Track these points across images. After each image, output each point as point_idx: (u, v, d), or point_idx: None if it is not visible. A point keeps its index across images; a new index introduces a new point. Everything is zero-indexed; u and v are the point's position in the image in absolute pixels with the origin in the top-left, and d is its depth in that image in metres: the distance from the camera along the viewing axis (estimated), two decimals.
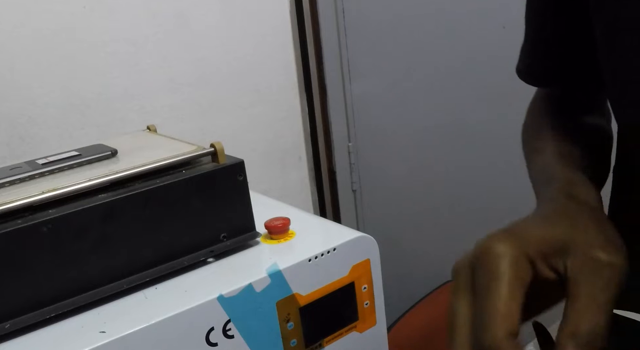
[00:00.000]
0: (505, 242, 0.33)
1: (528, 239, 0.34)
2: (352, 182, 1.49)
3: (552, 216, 0.37)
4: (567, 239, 0.34)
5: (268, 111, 1.35)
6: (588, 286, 0.31)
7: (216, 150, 0.68)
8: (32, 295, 0.57)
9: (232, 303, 0.61)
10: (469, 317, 0.33)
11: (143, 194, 0.62)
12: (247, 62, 1.29)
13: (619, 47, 0.43)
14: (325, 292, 0.68)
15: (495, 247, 0.33)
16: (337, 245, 0.69)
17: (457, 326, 0.33)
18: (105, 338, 0.54)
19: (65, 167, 0.67)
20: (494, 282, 0.32)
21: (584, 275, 0.32)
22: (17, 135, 1.04)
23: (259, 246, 0.71)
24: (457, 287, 0.35)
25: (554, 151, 0.50)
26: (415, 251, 1.63)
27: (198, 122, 1.25)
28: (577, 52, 0.54)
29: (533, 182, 0.52)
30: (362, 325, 0.73)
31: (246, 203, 0.70)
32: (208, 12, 1.22)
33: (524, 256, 0.33)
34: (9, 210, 0.57)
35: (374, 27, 1.42)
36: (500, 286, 0.32)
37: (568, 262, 0.33)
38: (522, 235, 0.34)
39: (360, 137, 1.47)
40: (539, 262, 0.33)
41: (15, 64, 1.02)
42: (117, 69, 1.12)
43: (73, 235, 0.58)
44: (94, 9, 1.08)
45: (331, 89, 1.40)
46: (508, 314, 0.31)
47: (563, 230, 0.34)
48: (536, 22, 0.55)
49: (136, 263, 0.63)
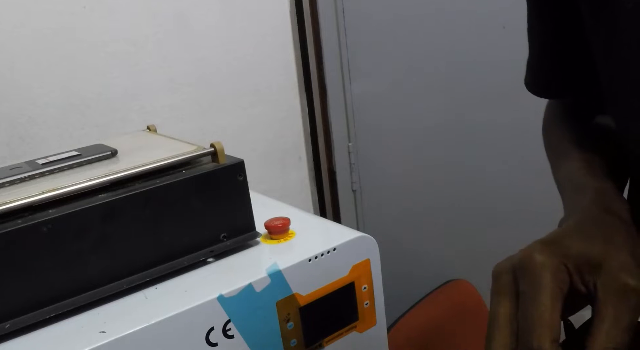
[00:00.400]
0: (549, 253, 0.36)
1: (568, 253, 0.36)
2: (352, 182, 1.49)
3: (590, 230, 0.39)
4: (601, 259, 0.36)
5: (268, 111, 1.35)
6: (614, 309, 0.34)
7: (216, 150, 0.68)
8: (32, 295, 0.57)
9: (232, 303, 0.61)
10: (510, 320, 0.35)
11: (143, 194, 0.62)
12: (247, 62, 1.29)
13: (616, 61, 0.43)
14: (325, 292, 0.68)
15: (540, 258, 0.36)
16: (337, 245, 0.69)
17: (499, 327, 0.35)
18: (105, 338, 0.54)
19: (65, 167, 0.67)
20: (539, 291, 0.34)
21: (612, 297, 0.34)
22: (17, 135, 1.04)
23: (259, 246, 0.71)
24: (499, 290, 0.37)
25: (579, 158, 0.52)
26: (415, 251, 1.63)
27: (198, 122, 1.25)
28: (582, 65, 0.55)
29: (560, 187, 0.53)
30: (362, 325, 0.73)
31: (246, 203, 0.70)
32: (208, 12, 1.22)
33: (564, 269, 0.35)
34: (9, 210, 0.57)
35: (374, 27, 1.42)
36: (545, 296, 0.34)
37: (599, 282, 0.35)
38: (563, 248, 0.37)
39: (360, 137, 1.47)
40: (574, 276, 0.36)
41: (15, 64, 1.02)
42: (117, 69, 1.12)
43: (73, 235, 0.58)
44: (94, 9, 1.08)
45: (331, 89, 1.40)
46: (552, 324, 0.33)
47: (599, 248, 0.37)
48: (539, 39, 0.56)
49: (136, 263, 0.63)
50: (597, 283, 0.35)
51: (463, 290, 1.62)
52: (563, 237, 0.38)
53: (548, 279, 0.35)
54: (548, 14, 0.54)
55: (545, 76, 0.58)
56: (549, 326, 0.33)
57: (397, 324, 1.45)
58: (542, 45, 0.56)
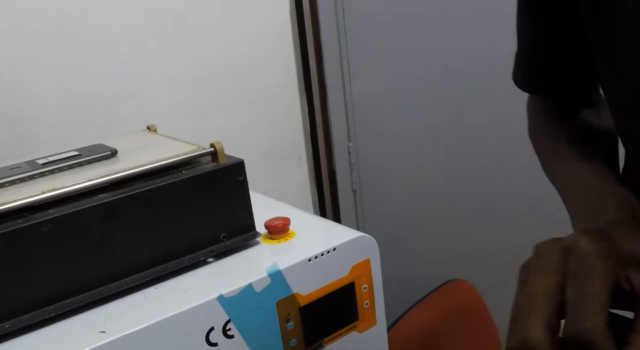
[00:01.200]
0: (603, 243, 0.35)
1: (618, 247, 0.35)
2: (352, 182, 1.49)
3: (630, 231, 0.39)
4: None
5: (268, 111, 1.35)
6: None
7: (216, 150, 0.68)
8: (32, 295, 0.57)
9: (232, 303, 0.61)
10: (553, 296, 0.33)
11: (143, 194, 0.62)
12: (247, 62, 1.29)
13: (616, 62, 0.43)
14: (325, 292, 0.68)
15: (595, 245, 0.34)
16: (337, 245, 0.69)
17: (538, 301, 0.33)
18: (105, 338, 0.54)
19: (65, 167, 0.67)
20: (593, 274, 0.33)
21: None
22: (17, 135, 1.04)
23: (259, 246, 0.71)
24: (542, 267, 0.35)
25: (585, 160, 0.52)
26: (415, 251, 1.63)
27: (198, 122, 1.25)
28: (570, 61, 0.55)
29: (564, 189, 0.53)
30: (362, 325, 0.73)
31: (246, 203, 0.70)
32: (208, 12, 1.22)
33: (614, 261, 0.34)
34: (9, 210, 0.57)
35: (374, 27, 1.42)
36: (598, 280, 0.33)
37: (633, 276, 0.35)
38: (614, 241, 0.36)
39: (360, 137, 1.46)
40: (621, 271, 0.35)
41: (15, 64, 1.02)
42: (117, 69, 1.12)
43: (73, 235, 0.58)
44: (94, 9, 1.08)
45: (331, 89, 1.40)
46: (605, 308, 0.32)
47: None
48: (528, 35, 0.57)
49: (136, 263, 0.63)
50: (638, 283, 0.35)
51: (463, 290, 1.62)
52: (609, 232, 0.37)
53: (601, 265, 0.33)
54: (538, 10, 0.54)
55: (533, 71, 0.58)
56: (603, 309, 0.32)
57: (397, 324, 1.45)
58: (531, 41, 0.56)
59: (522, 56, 0.59)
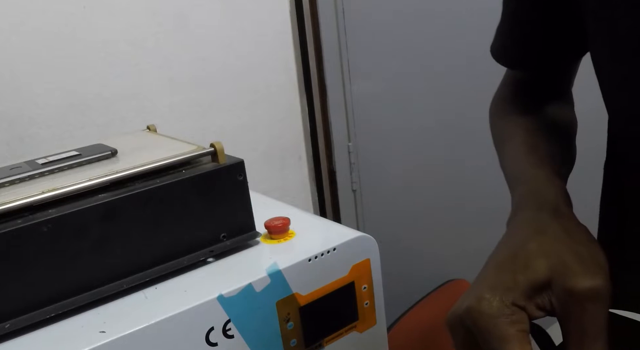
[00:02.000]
0: (494, 300, 0.34)
1: (512, 289, 0.35)
2: (352, 182, 1.49)
3: (530, 245, 0.37)
4: (547, 276, 0.35)
5: (268, 111, 1.35)
6: (576, 322, 0.33)
7: (216, 150, 0.68)
8: (32, 295, 0.57)
9: (232, 303, 0.61)
10: None
11: (143, 194, 0.62)
12: (247, 62, 1.29)
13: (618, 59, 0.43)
14: (325, 292, 0.68)
15: (488, 309, 0.34)
16: (337, 245, 0.69)
17: None
18: (105, 338, 0.54)
19: (65, 167, 0.67)
20: (503, 344, 0.33)
21: (569, 310, 0.33)
22: (17, 135, 1.04)
23: (259, 246, 0.71)
24: (460, 347, 0.36)
25: (523, 141, 0.51)
26: (415, 251, 1.63)
27: (198, 122, 1.25)
28: (552, 40, 0.54)
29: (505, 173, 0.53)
30: (362, 325, 0.73)
31: (246, 203, 0.70)
32: (208, 12, 1.21)
33: (515, 308, 0.34)
34: (9, 210, 0.57)
35: (374, 27, 1.42)
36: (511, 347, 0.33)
37: (553, 300, 0.34)
38: (504, 286, 0.35)
39: (360, 137, 1.47)
40: (528, 307, 0.35)
41: (15, 64, 1.02)
42: (117, 69, 1.12)
43: (73, 235, 0.58)
44: (94, 9, 1.08)
45: (331, 89, 1.40)
46: None
47: (541, 265, 0.35)
48: (514, 5, 0.55)
49: (136, 263, 0.63)
50: (552, 300, 0.34)
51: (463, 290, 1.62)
52: (499, 273, 0.37)
53: (505, 328, 0.33)
54: None
55: (514, 42, 0.57)
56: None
57: (397, 324, 1.45)
58: (515, 11, 0.55)
59: (504, 26, 0.57)
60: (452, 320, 0.37)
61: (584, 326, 0.33)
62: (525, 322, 0.34)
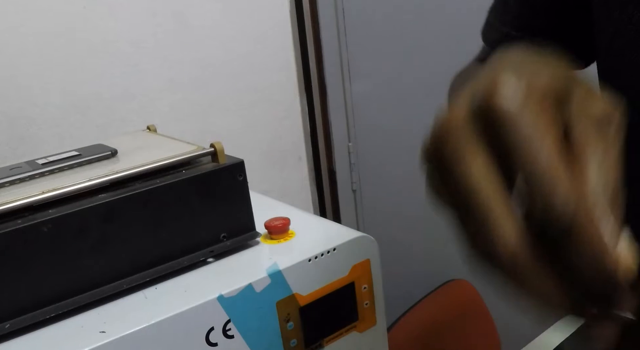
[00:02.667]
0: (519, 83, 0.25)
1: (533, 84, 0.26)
2: (352, 182, 1.49)
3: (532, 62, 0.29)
4: (566, 86, 0.27)
5: (268, 111, 1.35)
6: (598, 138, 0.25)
7: (216, 150, 0.68)
8: (32, 295, 0.57)
9: (232, 303, 0.61)
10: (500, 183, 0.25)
11: (143, 194, 0.62)
12: (247, 62, 1.29)
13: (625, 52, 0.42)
14: (325, 292, 0.68)
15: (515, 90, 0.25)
16: (337, 245, 0.69)
17: (490, 196, 0.25)
18: (105, 338, 0.54)
19: (65, 167, 0.67)
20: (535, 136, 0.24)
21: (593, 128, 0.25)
22: (17, 135, 1.04)
23: (259, 246, 0.71)
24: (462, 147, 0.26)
25: None
26: (415, 251, 1.63)
27: (198, 122, 1.25)
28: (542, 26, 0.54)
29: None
30: (362, 325, 0.73)
31: (246, 203, 0.70)
32: (208, 11, 1.22)
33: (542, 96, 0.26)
34: (9, 210, 0.57)
35: (374, 27, 1.42)
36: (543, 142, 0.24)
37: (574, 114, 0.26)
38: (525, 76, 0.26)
39: (360, 137, 1.47)
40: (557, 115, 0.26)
41: (15, 64, 1.02)
42: (117, 69, 1.12)
43: (73, 235, 0.58)
44: (94, 9, 1.08)
45: (331, 89, 1.40)
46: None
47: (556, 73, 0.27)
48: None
49: (136, 263, 0.63)
50: (571, 116, 0.26)
51: (463, 290, 1.62)
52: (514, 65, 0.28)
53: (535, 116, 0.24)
54: None
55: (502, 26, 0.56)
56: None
57: (397, 324, 1.45)
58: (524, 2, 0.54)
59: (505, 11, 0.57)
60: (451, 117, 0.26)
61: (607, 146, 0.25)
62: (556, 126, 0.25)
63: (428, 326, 1.48)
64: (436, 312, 1.53)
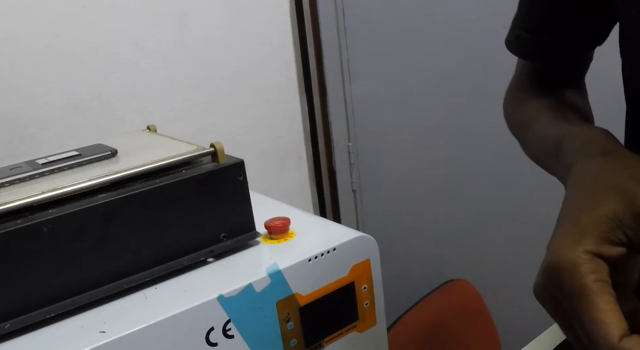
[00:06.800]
0: (571, 248, 0.31)
1: (583, 234, 0.32)
2: (352, 182, 1.49)
3: (589, 189, 0.35)
4: (613, 208, 0.32)
5: (268, 111, 1.35)
6: None
7: (216, 150, 0.68)
8: (32, 295, 0.57)
9: (232, 303, 0.61)
10: None
11: (143, 194, 0.62)
12: (247, 62, 1.29)
13: None
14: (325, 292, 0.68)
15: (566, 262, 0.31)
16: (337, 245, 0.69)
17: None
18: (105, 338, 0.54)
19: (65, 167, 0.67)
20: (580, 302, 0.30)
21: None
22: (17, 135, 1.04)
23: (259, 246, 0.71)
24: (552, 314, 0.33)
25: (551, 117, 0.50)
26: (415, 251, 1.63)
27: (198, 122, 1.25)
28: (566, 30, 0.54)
29: (536, 152, 0.51)
30: (362, 325, 0.73)
31: (246, 203, 0.70)
32: (208, 12, 1.22)
33: (588, 255, 0.31)
34: (9, 210, 0.57)
35: (374, 27, 1.42)
36: (588, 303, 0.30)
37: (627, 231, 0.32)
38: (575, 233, 0.32)
39: (360, 137, 1.47)
40: (602, 249, 0.31)
41: (15, 64, 1.02)
42: (117, 69, 1.12)
43: (73, 235, 0.58)
44: (94, 9, 1.08)
45: (331, 89, 1.40)
46: (611, 322, 0.29)
47: (604, 199, 0.33)
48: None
49: (136, 263, 0.63)
50: (627, 233, 0.32)
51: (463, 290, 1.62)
52: (565, 223, 0.33)
53: (580, 281, 0.30)
54: None
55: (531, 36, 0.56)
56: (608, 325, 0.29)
57: (397, 324, 1.45)
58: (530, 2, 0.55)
59: (522, 16, 0.57)
60: (537, 289, 0.33)
61: None
62: (601, 270, 0.31)
63: (428, 326, 1.48)
64: (436, 312, 1.53)
